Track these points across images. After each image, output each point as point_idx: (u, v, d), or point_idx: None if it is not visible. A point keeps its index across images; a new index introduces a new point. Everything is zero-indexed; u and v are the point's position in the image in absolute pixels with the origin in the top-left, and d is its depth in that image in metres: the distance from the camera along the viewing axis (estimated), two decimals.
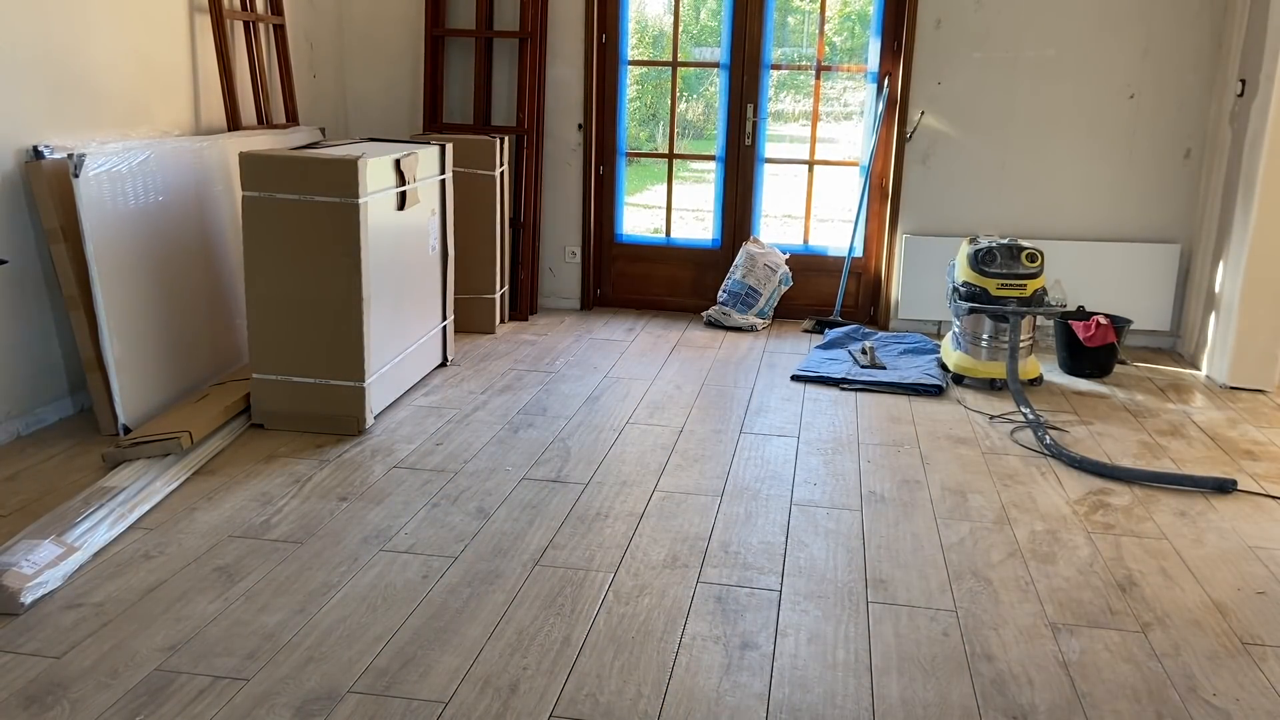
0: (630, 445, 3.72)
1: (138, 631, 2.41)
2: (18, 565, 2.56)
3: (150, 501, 3.09)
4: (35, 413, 3.66)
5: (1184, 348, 5.22)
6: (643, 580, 2.72)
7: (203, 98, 4.43)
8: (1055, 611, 2.63)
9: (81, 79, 3.75)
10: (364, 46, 5.62)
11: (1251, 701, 2.27)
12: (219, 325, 4.14)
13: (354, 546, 2.87)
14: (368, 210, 3.64)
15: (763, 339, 5.31)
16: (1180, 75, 5.07)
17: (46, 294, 3.66)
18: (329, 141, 4.60)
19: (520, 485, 3.34)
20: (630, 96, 5.79)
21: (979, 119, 5.26)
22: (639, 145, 6.06)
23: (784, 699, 2.23)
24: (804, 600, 2.65)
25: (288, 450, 3.58)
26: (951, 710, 2.20)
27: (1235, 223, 4.67)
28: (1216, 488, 3.45)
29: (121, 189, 3.59)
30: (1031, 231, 5.28)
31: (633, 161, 6.13)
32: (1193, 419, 4.22)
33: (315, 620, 2.48)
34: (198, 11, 4.37)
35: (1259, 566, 2.92)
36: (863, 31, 5.65)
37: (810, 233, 5.74)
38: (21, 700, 2.14)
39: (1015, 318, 4.36)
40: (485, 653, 2.37)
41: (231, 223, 4.17)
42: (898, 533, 3.07)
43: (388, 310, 3.92)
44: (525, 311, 5.53)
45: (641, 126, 5.98)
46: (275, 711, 2.13)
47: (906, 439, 3.88)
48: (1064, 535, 3.09)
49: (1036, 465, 3.65)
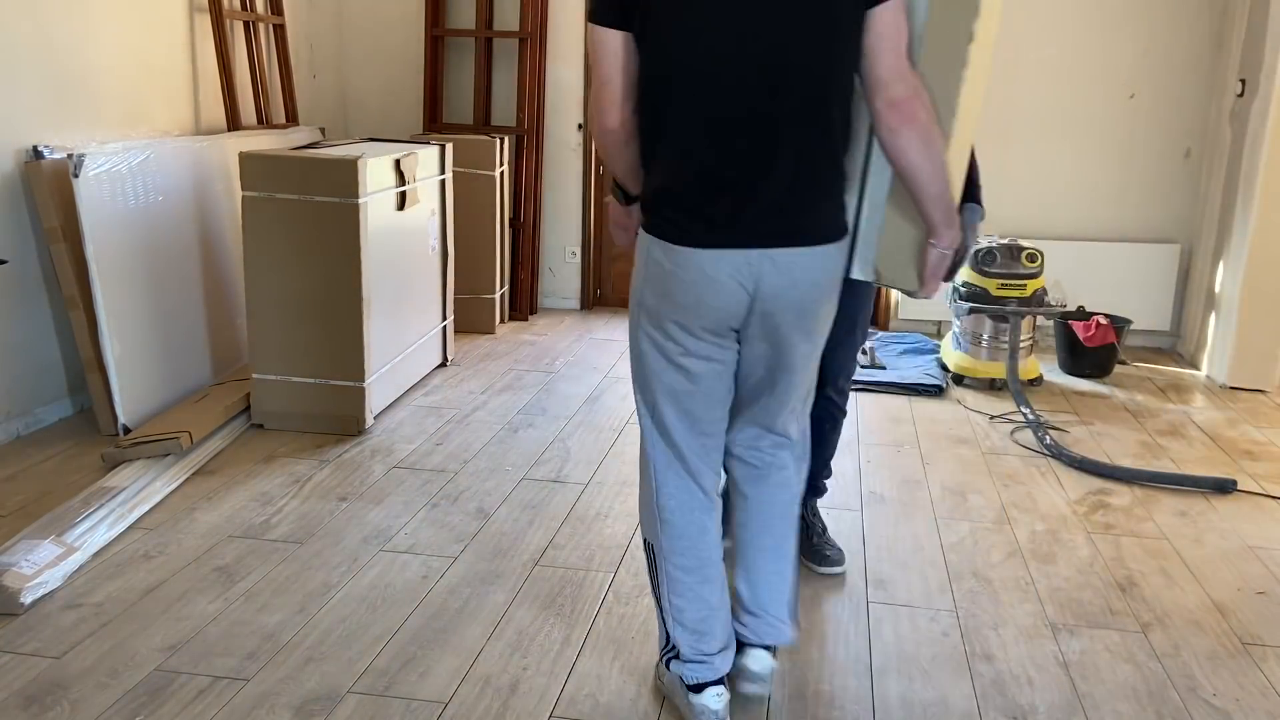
0: (630, 445, 3.72)
1: (138, 631, 2.41)
2: (18, 565, 2.56)
3: (150, 501, 3.09)
4: (35, 413, 3.66)
5: (1184, 348, 5.22)
6: (643, 580, 2.72)
7: (202, 98, 4.43)
8: (1055, 611, 2.63)
9: (81, 79, 3.75)
10: (364, 46, 5.62)
11: (1251, 701, 2.27)
12: (219, 325, 4.14)
13: (354, 547, 2.87)
14: (368, 210, 3.64)
15: None
16: (1180, 75, 5.07)
17: (46, 294, 3.66)
18: (329, 141, 4.60)
19: (520, 485, 3.34)
20: None
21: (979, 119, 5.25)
22: None
23: (784, 699, 2.22)
24: (804, 600, 2.65)
25: (288, 450, 3.58)
26: (951, 710, 2.20)
27: (1235, 223, 4.67)
28: (1216, 488, 3.45)
29: (121, 189, 3.58)
30: (1031, 231, 5.28)
31: None
32: (1193, 419, 4.22)
33: (315, 620, 2.48)
34: (198, 11, 4.37)
35: (1259, 566, 2.92)
36: None
37: None
38: (21, 700, 2.14)
39: (1015, 318, 4.36)
40: (485, 653, 2.37)
41: (231, 223, 4.17)
42: (898, 533, 3.07)
43: (388, 310, 3.92)
44: (525, 311, 5.53)
45: None
46: (275, 711, 2.13)
47: (906, 439, 3.88)
48: (1064, 535, 3.09)
49: (1036, 465, 3.65)
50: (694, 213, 1.89)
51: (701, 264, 1.89)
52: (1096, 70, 5.12)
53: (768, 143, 1.85)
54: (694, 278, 1.90)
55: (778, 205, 1.88)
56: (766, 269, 1.89)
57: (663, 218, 1.93)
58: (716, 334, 1.98)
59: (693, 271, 1.90)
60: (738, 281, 1.89)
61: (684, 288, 1.92)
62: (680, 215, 1.91)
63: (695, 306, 1.93)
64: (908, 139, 1.85)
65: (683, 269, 1.90)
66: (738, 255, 1.88)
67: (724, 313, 1.93)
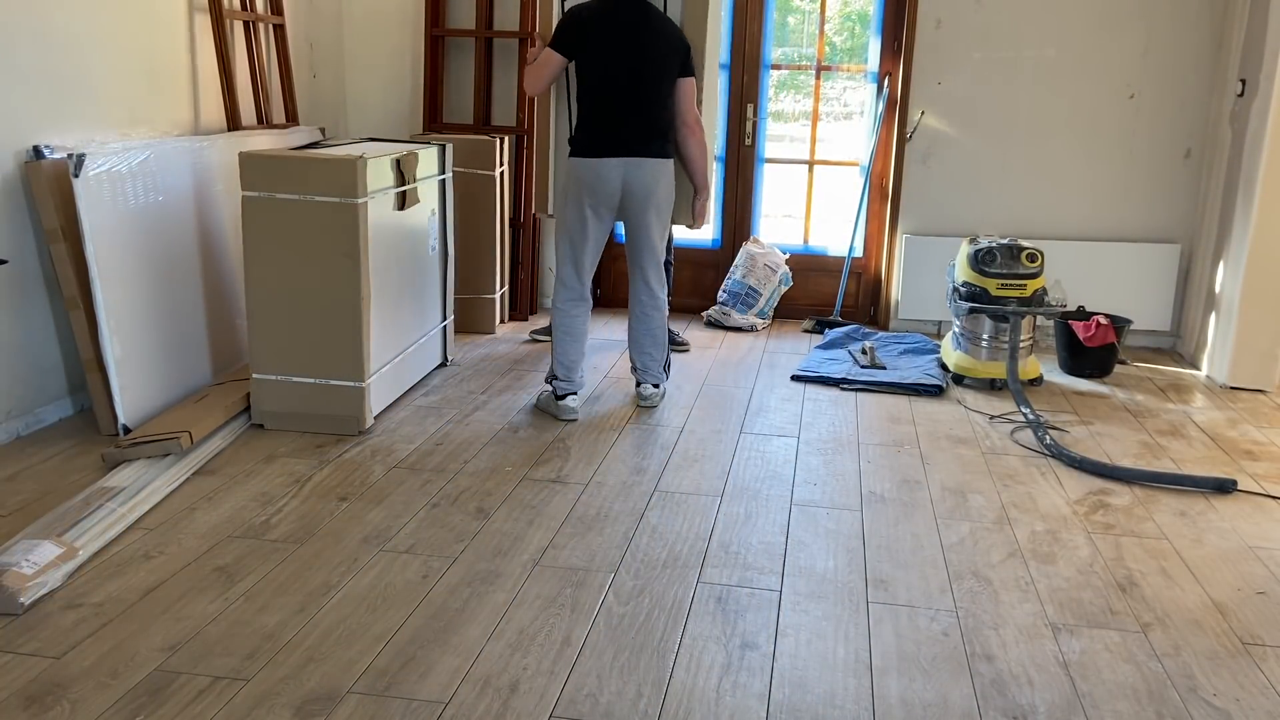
0: (630, 445, 3.72)
1: (138, 631, 2.41)
2: (18, 565, 2.56)
3: (150, 501, 3.09)
4: (35, 413, 3.66)
5: (1184, 348, 5.22)
6: (643, 580, 2.72)
7: (202, 98, 4.43)
8: (1055, 611, 2.63)
9: (81, 79, 3.75)
10: (364, 46, 5.62)
11: (1251, 701, 2.27)
12: (219, 325, 4.14)
13: (354, 546, 2.87)
14: (368, 210, 3.64)
15: (763, 339, 5.31)
16: (1180, 75, 5.08)
17: (46, 294, 3.67)
18: (329, 141, 4.60)
19: (520, 485, 3.34)
20: None
21: (979, 119, 5.26)
22: None
23: (784, 699, 2.23)
24: (804, 600, 2.65)
25: (288, 450, 3.58)
26: (951, 710, 2.20)
27: (1235, 223, 4.67)
28: (1216, 488, 3.45)
29: (121, 189, 3.59)
30: (1031, 231, 5.28)
31: None
32: (1193, 419, 4.22)
33: (315, 620, 2.48)
34: (198, 11, 4.37)
35: (1259, 566, 2.92)
36: (863, 31, 5.65)
37: (810, 233, 5.74)
38: (21, 700, 2.14)
39: (1015, 318, 4.36)
40: (485, 653, 2.37)
41: (231, 223, 4.17)
42: (898, 533, 3.07)
43: (388, 310, 3.92)
44: (525, 311, 5.53)
45: None
46: (275, 711, 2.13)
47: (906, 439, 3.88)
48: (1064, 535, 3.09)
49: (1036, 465, 3.66)
50: (597, 140, 3.81)
51: (599, 166, 3.80)
52: (1096, 70, 5.12)
53: (633, 110, 3.80)
54: (595, 173, 3.81)
55: (637, 137, 3.81)
56: (631, 168, 3.81)
57: (580, 145, 3.84)
58: (607, 207, 3.87)
59: (595, 169, 3.81)
60: (617, 175, 3.81)
61: (590, 180, 3.81)
62: (591, 142, 3.82)
63: (594, 190, 3.82)
64: (692, 144, 3.99)
65: (589, 169, 3.81)
66: (617, 160, 3.80)
67: (608, 194, 3.84)
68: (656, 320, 4.09)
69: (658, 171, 3.84)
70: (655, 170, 3.83)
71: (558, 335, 3.99)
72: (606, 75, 3.76)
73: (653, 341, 4.11)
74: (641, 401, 4.15)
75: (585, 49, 3.78)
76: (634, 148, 3.79)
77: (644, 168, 3.80)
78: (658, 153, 3.84)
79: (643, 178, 3.81)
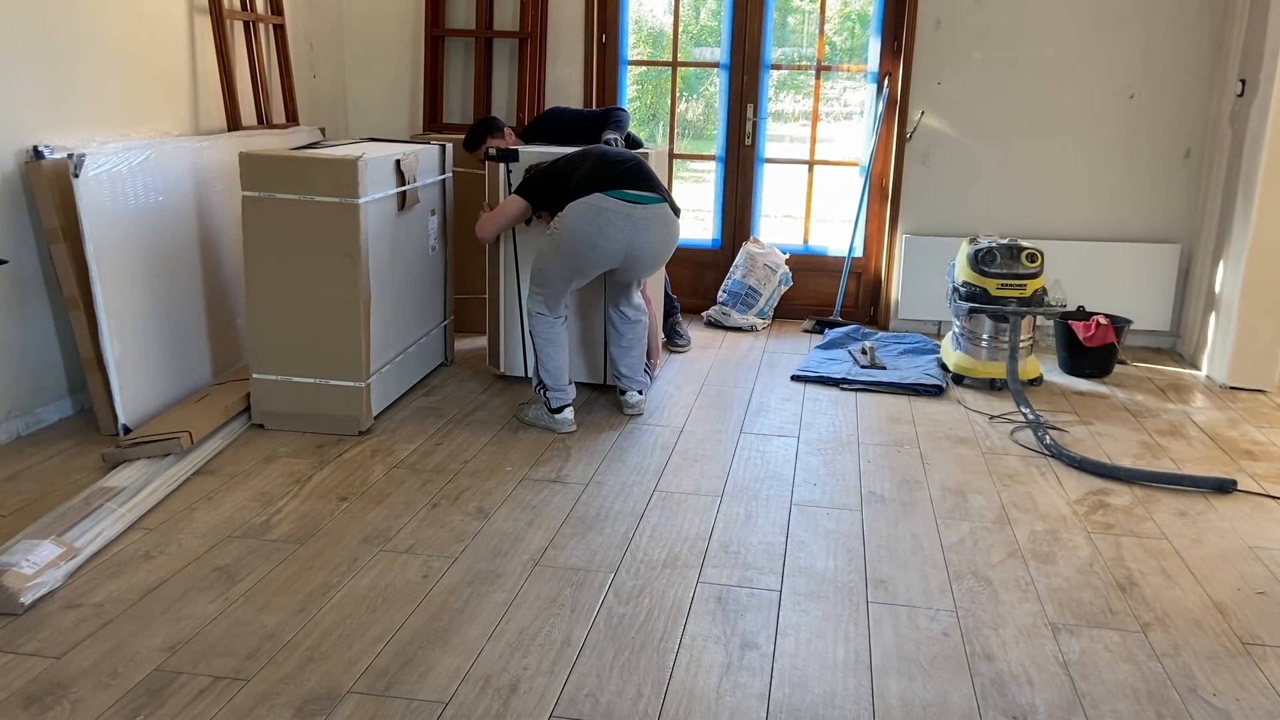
0: (630, 445, 3.72)
1: (138, 631, 2.41)
2: (18, 565, 2.56)
3: (150, 501, 3.09)
4: (35, 413, 3.66)
5: (1184, 348, 5.22)
6: (643, 580, 2.72)
7: (202, 98, 4.43)
8: (1055, 611, 2.63)
9: (81, 79, 3.75)
10: (364, 46, 5.62)
11: (1251, 701, 2.27)
12: (219, 325, 4.14)
13: (354, 547, 2.88)
14: (368, 210, 3.64)
15: (763, 339, 5.31)
16: (1180, 75, 5.08)
17: (46, 294, 3.67)
18: (329, 141, 4.60)
19: (520, 485, 3.34)
20: (630, 96, 5.79)
21: (979, 119, 5.26)
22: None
23: (784, 699, 2.23)
24: (804, 600, 2.65)
25: (288, 450, 3.58)
26: (951, 710, 2.20)
27: (1235, 223, 4.67)
28: (1216, 488, 3.45)
29: (121, 189, 3.59)
30: (1031, 231, 5.29)
31: None
32: (1193, 419, 4.22)
33: (315, 620, 2.48)
34: (197, 12, 4.37)
35: (1259, 566, 2.92)
36: (863, 31, 5.65)
37: (810, 233, 5.74)
38: (21, 700, 2.14)
39: (1015, 318, 4.36)
40: (485, 653, 2.37)
41: (231, 223, 4.17)
42: (898, 533, 3.07)
43: (388, 310, 3.92)
44: None
45: (641, 126, 5.98)
46: (275, 711, 2.13)
47: (906, 439, 3.88)
48: (1064, 535, 3.09)
49: (1036, 465, 3.66)
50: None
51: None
52: (1096, 70, 5.12)
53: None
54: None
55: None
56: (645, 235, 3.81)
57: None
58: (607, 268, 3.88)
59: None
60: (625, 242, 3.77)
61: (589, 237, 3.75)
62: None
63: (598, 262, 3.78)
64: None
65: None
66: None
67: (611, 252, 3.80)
68: (639, 329, 3.99)
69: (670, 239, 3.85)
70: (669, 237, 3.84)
71: (540, 344, 3.83)
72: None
73: (638, 345, 4.02)
74: (628, 410, 4.04)
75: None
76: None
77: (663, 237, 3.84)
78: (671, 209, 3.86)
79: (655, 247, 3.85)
